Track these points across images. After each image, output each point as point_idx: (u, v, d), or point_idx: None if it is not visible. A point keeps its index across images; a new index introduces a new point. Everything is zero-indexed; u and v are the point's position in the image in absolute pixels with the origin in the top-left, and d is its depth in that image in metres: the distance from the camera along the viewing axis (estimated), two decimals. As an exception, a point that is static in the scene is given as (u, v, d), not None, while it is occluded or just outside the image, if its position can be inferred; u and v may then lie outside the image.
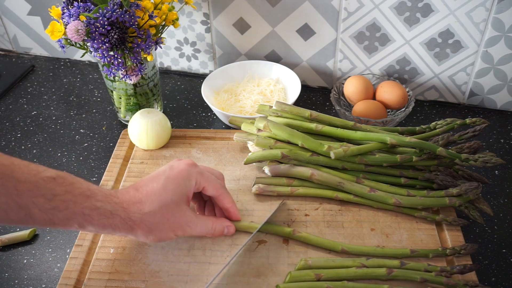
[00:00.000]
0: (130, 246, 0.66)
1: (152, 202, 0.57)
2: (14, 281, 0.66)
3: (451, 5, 0.82)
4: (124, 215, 0.56)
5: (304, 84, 0.99)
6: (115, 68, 0.75)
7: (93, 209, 0.54)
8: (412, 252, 0.63)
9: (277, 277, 0.61)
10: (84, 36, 0.71)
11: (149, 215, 0.57)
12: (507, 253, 0.67)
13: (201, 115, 0.94)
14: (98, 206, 0.54)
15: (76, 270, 0.63)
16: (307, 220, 0.68)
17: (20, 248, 0.70)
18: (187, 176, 0.60)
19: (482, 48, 0.85)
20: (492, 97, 0.90)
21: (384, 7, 0.85)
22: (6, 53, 1.13)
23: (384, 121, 0.82)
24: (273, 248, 0.65)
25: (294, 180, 0.72)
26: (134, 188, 0.59)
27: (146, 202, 0.57)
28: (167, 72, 1.06)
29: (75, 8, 0.72)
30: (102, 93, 1.01)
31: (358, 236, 0.66)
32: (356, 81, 0.88)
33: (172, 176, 0.60)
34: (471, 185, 0.66)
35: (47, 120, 0.94)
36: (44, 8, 1.02)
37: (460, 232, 0.66)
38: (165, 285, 0.61)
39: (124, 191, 0.58)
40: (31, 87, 1.03)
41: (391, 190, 0.69)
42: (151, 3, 0.76)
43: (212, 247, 0.65)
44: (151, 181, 0.59)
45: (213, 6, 0.94)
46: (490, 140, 0.86)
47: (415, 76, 0.92)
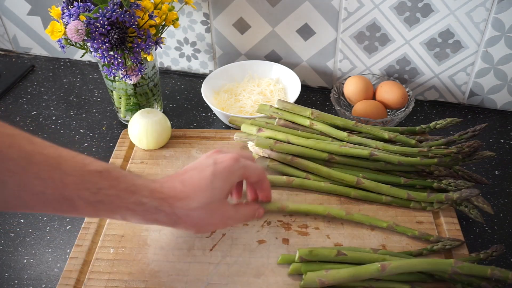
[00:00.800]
0: (130, 246, 0.66)
1: (199, 199, 0.57)
2: (14, 281, 0.66)
3: (451, 5, 0.82)
4: (169, 210, 0.56)
5: (304, 84, 0.99)
6: (115, 68, 0.75)
7: (138, 205, 0.54)
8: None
9: (277, 277, 0.61)
10: (84, 36, 0.71)
11: (195, 211, 0.57)
12: (507, 253, 0.67)
13: (201, 115, 0.94)
14: (144, 202, 0.54)
15: (76, 270, 0.62)
16: (307, 220, 0.68)
17: (20, 248, 0.70)
18: (233, 172, 0.60)
19: (482, 48, 0.85)
20: (492, 97, 0.90)
21: (384, 7, 0.85)
22: (6, 53, 1.13)
23: (384, 121, 0.82)
24: (273, 248, 0.65)
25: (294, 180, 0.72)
26: (180, 182, 0.58)
27: (193, 198, 0.57)
28: (167, 72, 1.06)
29: (75, 8, 0.72)
30: (102, 93, 1.01)
31: (358, 236, 0.66)
32: (356, 81, 0.88)
33: (218, 172, 0.59)
34: (471, 193, 0.66)
35: (47, 120, 0.94)
36: (44, 8, 1.02)
37: (460, 232, 0.66)
38: (165, 285, 0.61)
39: (170, 184, 0.57)
40: (31, 87, 1.03)
41: (391, 191, 0.69)
42: (151, 3, 0.76)
43: (212, 247, 0.65)
44: (197, 175, 0.59)
45: (213, 6, 0.94)
46: (490, 140, 0.86)
47: (415, 76, 0.92)
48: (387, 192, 0.69)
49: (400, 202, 0.69)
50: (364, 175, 0.71)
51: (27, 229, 0.73)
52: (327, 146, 0.72)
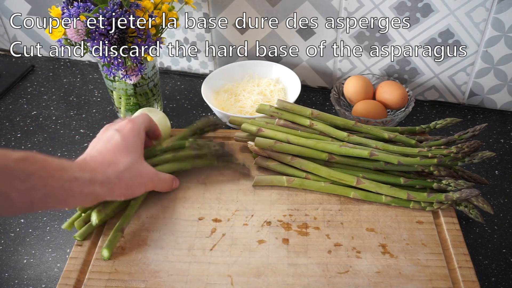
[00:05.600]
0: (130, 246, 0.66)
1: (123, 161, 0.61)
2: (14, 281, 0.66)
3: (451, 5, 0.82)
4: (102, 178, 0.58)
5: (304, 84, 0.99)
6: (115, 68, 0.75)
7: (73, 181, 0.54)
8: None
9: (277, 277, 0.61)
10: (84, 36, 0.71)
11: (124, 172, 0.61)
12: (507, 253, 0.67)
13: (201, 115, 0.94)
14: (77, 176, 0.55)
15: (76, 270, 0.62)
16: (307, 220, 0.68)
17: (20, 248, 0.70)
18: (138, 131, 0.66)
19: (482, 48, 0.85)
20: (492, 97, 0.90)
21: (384, 7, 0.85)
22: (6, 53, 1.13)
23: (384, 121, 0.82)
24: (273, 248, 0.65)
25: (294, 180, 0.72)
26: (98, 153, 0.61)
27: (117, 162, 0.61)
28: (167, 72, 1.06)
29: (75, 8, 0.72)
30: (102, 93, 1.01)
31: (358, 236, 0.66)
32: (356, 81, 0.88)
33: (126, 136, 0.64)
34: (471, 192, 0.66)
35: (47, 120, 0.94)
36: (44, 8, 1.02)
37: (460, 232, 0.66)
38: (165, 285, 0.61)
39: (91, 158, 0.61)
40: (31, 87, 1.03)
41: (391, 191, 0.69)
42: (151, 3, 0.76)
43: (212, 247, 0.65)
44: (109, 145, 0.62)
45: (213, 6, 0.94)
46: (490, 140, 0.86)
47: (415, 76, 0.92)
48: (387, 192, 0.69)
49: (400, 202, 0.69)
50: (364, 175, 0.71)
51: (27, 229, 0.73)
52: (327, 146, 0.72)
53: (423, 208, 0.69)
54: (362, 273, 0.61)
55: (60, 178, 0.53)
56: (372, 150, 0.71)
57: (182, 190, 0.73)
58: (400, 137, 0.74)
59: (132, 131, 0.65)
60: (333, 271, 0.62)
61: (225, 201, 0.71)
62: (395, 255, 0.63)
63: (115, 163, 0.60)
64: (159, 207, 0.71)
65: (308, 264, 0.63)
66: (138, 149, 0.65)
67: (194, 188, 0.74)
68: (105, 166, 0.59)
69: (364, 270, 0.62)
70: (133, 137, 0.64)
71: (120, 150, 0.62)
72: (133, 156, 0.63)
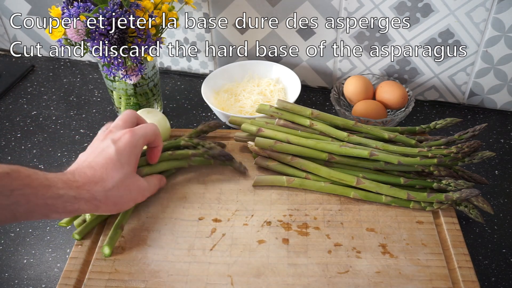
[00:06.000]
0: (130, 246, 0.66)
1: (112, 177, 0.59)
2: (14, 281, 0.66)
3: (451, 5, 0.82)
4: (88, 196, 0.56)
5: (304, 84, 0.99)
6: (115, 68, 0.75)
7: (57, 198, 0.53)
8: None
9: (277, 277, 0.61)
10: (84, 36, 0.71)
11: (112, 190, 0.59)
12: (507, 253, 0.67)
13: (201, 115, 0.94)
14: (61, 194, 0.54)
15: (76, 270, 0.62)
16: (307, 220, 0.68)
17: (20, 248, 0.70)
18: (135, 145, 0.63)
19: (482, 48, 0.85)
20: (492, 97, 0.90)
21: (384, 7, 0.85)
22: (6, 53, 1.13)
23: (384, 121, 0.82)
24: (273, 248, 0.65)
25: (294, 180, 0.72)
26: (88, 168, 0.59)
27: (107, 179, 0.59)
28: (167, 72, 1.06)
29: (75, 8, 0.72)
30: (102, 93, 1.01)
31: (358, 236, 0.66)
32: (356, 81, 0.88)
33: (121, 149, 0.61)
34: (471, 192, 0.66)
35: (47, 120, 0.94)
36: (44, 8, 1.02)
37: (460, 232, 0.66)
38: (165, 285, 0.61)
39: (79, 172, 0.58)
40: (31, 87, 1.03)
41: (391, 191, 0.69)
42: (151, 3, 0.76)
43: (212, 247, 0.65)
44: (102, 158, 0.60)
45: (213, 6, 0.94)
46: (490, 140, 0.86)
47: (415, 76, 0.92)
48: (387, 192, 0.69)
49: (400, 202, 0.69)
50: (364, 175, 0.71)
51: (27, 229, 0.73)
52: (327, 146, 0.72)
53: (423, 208, 0.69)
54: (362, 273, 0.61)
55: (43, 195, 0.52)
56: (372, 150, 0.71)
57: (182, 190, 0.73)
58: (400, 137, 0.74)
59: (129, 143, 0.62)
60: (333, 271, 0.62)
61: (225, 201, 0.72)
62: (395, 255, 0.63)
63: (104, 180, 0.58)
64: (159, 207, 0.71)
65: (308, 264, 0.63)
66: (132, 163, 0.62)
67: (194, 188, 0.74)
68: (93, 183, 0.57)
69: (364, 270, 0.62)
70: (128, 150, 0.62)
71: (112, 164, 0.60)
72: (125, 171, 0.61)
